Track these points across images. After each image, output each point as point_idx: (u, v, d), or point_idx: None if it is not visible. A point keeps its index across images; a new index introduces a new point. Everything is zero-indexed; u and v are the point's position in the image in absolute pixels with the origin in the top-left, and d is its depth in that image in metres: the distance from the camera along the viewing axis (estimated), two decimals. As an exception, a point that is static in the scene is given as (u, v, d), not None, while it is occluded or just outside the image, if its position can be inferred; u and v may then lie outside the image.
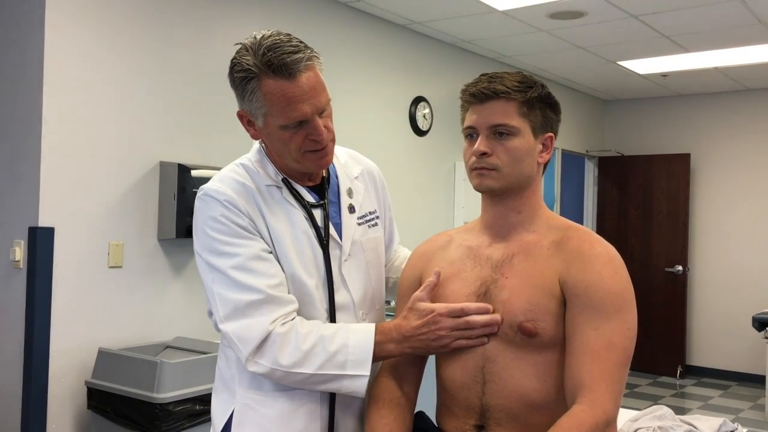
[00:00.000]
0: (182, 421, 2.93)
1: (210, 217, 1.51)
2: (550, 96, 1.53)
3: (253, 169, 1.59)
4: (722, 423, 1.94)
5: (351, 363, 1.46)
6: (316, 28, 4.41)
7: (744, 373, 6.92)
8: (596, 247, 1.45)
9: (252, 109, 1.51)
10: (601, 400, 1.34)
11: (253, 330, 1.45)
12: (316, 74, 1.49)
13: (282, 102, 1.46)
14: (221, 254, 1.49)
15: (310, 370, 1.45)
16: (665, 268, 7.25)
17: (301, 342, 1.45)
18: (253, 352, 1.45)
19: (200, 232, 1.54)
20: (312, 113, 1.48)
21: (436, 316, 1.46)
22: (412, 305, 1.50)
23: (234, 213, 1.51)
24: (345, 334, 1.48)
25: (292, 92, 1.45)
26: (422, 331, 1.47)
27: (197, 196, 1.57)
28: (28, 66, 3.19)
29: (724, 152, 7.16)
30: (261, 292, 1.46)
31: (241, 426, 1.55)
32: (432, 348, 1.48)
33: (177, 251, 3.61)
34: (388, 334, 1.49)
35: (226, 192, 1.52)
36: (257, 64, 1.45)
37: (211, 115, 3.76)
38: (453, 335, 1.46)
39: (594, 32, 5.15)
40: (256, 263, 1.49)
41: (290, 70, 1.44)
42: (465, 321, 1.45)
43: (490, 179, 1.49)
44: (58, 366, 3.16)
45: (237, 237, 1.50)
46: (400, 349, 1.49)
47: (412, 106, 5.22)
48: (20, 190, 3.20)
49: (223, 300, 1.49)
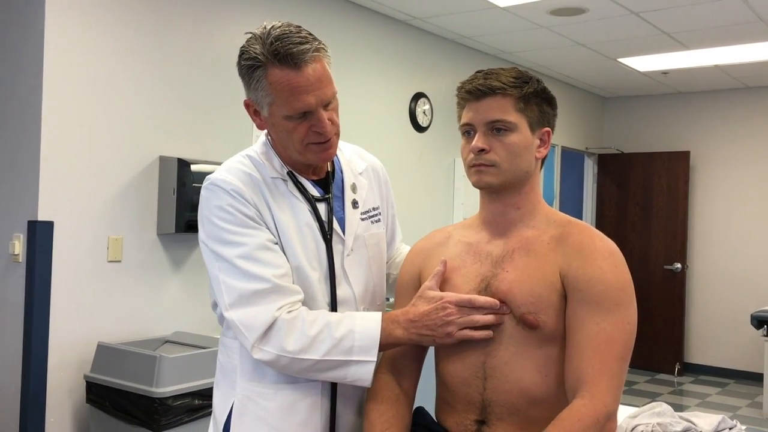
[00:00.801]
0: (181, 415, 2.93)
1: (216, 206, 1.51)
2: (546, 91, 1.53)
3: (259, 160, 1.59)
4: (721, 420, 1.94)
5: (357, 349, 1.46)
6: (316, 23, 4.41)
7: (742, 371, 6.93)
8: (597, 242, 1.46)
9: (258, 98, 1.51)
10: (602, 394, 1.34)
11: (258, 317, 1.45)
12: (323, 66, 1.50)
13: (287, 92, 1.46)
14: (228, 243, 1.50)
15: (316, 356, 1.45)
16: (664, 266, 7.26)
17: (307, 328, 1.45)
18: (259, 338, 1.45)
19: (206, 221, 1.53)
20: (317, 105, 1.48)
21: (445, 302, 1.46)
22: (422, 293, 1.51)
23: (241, 202, 1.51)
24: (351, 321, 1.48)
25: (297, 82, 1.45)
26: (430, 317, 1.46)
27: (203, 186, 1.57)
28: (27, 60, 3.18)
29: (724, 150, 7.16)
30: (267, 281, 1.47)
31: (242, 418, 1.55)
32: (438, 335, 1.47)
33: (176, 246, 3.61)
34: (395, 319, 1.49)
35: (233, 182, 1.52)
36: (264, 53, 1.45)
37: (211, 110, 3.76)
38: (459, 323, 1.45)
39: (594, 29, 5.14)
40: (262, 253, 1.49)
41: (296, 60, 1.45)
42: (472, 313, 1.45)
43: (489, 176, 1.49)
44: (57, 360, 3.16)
45: (243, 226, 1.50)
46: (407, 335, 1.48)
47: (412, 102, 5.22)
48: (19, 184, 3.19)
49: (229, 288, 1.49)
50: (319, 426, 1.57)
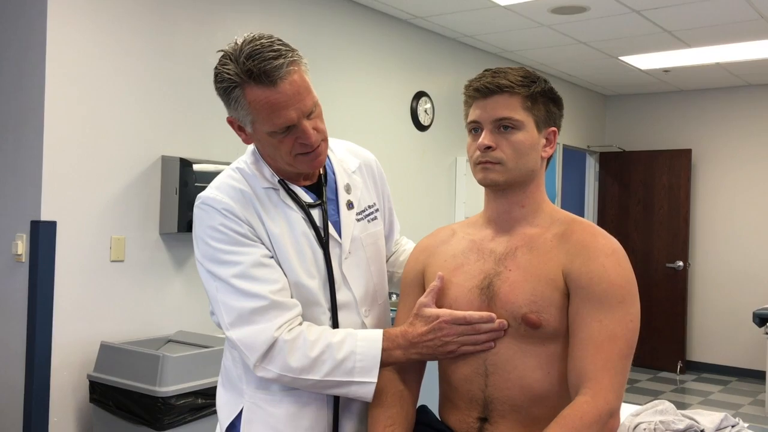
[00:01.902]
0: (184, 414, 2.93)
1: (209, 226, 1.51)
2: (553, 91, 1.54)
3: (249, 172, 1.58)
4: (723, 417, 1.94)
5: (359, 370, 1.47)
6: (317, 23, 4.41)
7: (744, 369, 6.93)
8: (600, 240, 1.46)
9: (239, 116, 1.50)
10: (605, 392, 1.35)
11: (259, 337, 1.46)
12: (301, 77, 1.46)
13: (266, 110, 1.44)
14: (223, 263, 1.50)
15: (317, 377, 1.47)
16: (666, 264, 7.25)
17: (308, 349, 1.46)
18: (260, 358, 1.47)
19: (200, 241, 1.53)
20: (298, 117, 1.46)
21: (441, 323, 1.47)
22: (418, 311, 1.50)
23: (233, 221, 1.50)
24: (353, 342, 1.48)
25: (276, 99, 1.43)
26: (428, 338, 1.47)
27: (196, 205, 1.56)
28: (30, 60, 3.18)
29: (726, 148, 7.15)
30: (264, 298, 1.47)
31: (251, 424, 1.57)
32: (439, 354, 1.49)
33: (179, 245, 3.62)
34: (395, 341, 1.49)
35: (224, 200, 1.52)
36: (238, 73, 1.43)
37: (214, 110, 3.76)
38: (459, 341, 1.46)
39: (596, 27, 5.14)
40: (257, 270, 1.49)
41: (271, 77, 1.42)
42: (471, 328, 1.45)
43: (495, 173, 1.49)
44: (61, 359, 3.17)
45: (237, 245, 1.50)
46: (407, 356, 1.50)
47: (413, 101, 5.21)
48: (22, 183, 3.20)
49: (227, 308, 1.49)
50: (327, 430, 1.58)
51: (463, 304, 1.49)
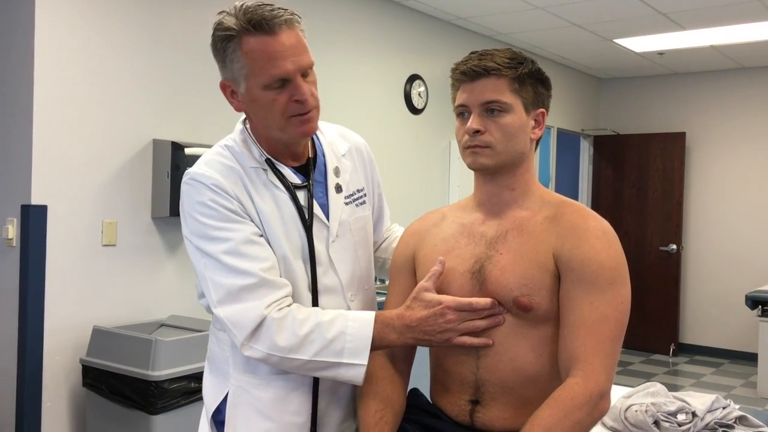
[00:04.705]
0: (177, 398, 2.94)
1: (198, 202, 1.49)
2: (541, 72, 1.53)
3: (237, 150, 1.56)
4: (715, 399, 1.95)
5: (348, 351, 1.44)
6: (310, 5, 4.37)
7: (736, 351, 6.97)
8: (590, 222, 1.45)
9: (234, 72, 1.48)
10: (595, 373, 1.35)
11: (247, 315, 1.43)
12: (298, 35, 1.47)
13: (263, 59, 1.44)
14: (212, 239, 1.47)
15: (306, 356, 1.43)
16: (659, 247, 7.27)
17: (297, 328, 1.43)
18: (248, 337, 1.44)
19: (189, 217, 1.51)
20: (294, 71, 1.45)
21: (444, 308, 1.44)
22: (417, 295, 1.47)
23: (223, 197, 1.48)
24: (343, 322, 1.46)
25: (273, 48, 1.43)
26: (428, 323, 1.44)
27: (184, 181, 1.53)
28: (19, 44, 3.15)
29: (720, 131, 7.15)
30: (254, 275, 1.45)
31: (236, 408, 1.55)
32: (435, 341, 1.46)
33: (171, 229, 3.60)
34: (390, 323, 1.46)
35: (213, 176, 1.49)
36: (237, 22, 1.44)
37: (205, 93, 3.73)
38: (458, 329, 1.44)
39: (590, 9, 5.11)
40: (247, 247, 1.46)
41: (270, 24, 1.43)
42: (475, 315, 1.43)
43: (484, 157, 1.48)
44: (53, 344, 3.16)
45: (227, 221, 1.47)
46: (401, 340, 1.46)
47: (407, 84, 5.19)
48: (12, 167, 3.18)
49: (216, 285, 1.47)
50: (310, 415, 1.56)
51: (455, 289, 1.49)
